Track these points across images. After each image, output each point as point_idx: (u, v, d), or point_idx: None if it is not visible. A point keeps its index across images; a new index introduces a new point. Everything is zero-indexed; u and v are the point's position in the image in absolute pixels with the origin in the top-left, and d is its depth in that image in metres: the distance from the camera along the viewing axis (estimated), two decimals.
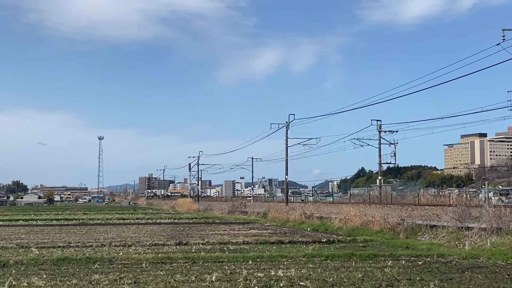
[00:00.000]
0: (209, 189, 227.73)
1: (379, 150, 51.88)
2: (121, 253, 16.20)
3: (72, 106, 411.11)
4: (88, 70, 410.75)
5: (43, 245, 19.04)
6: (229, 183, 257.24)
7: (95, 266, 13.64)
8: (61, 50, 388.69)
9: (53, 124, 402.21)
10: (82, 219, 40.99)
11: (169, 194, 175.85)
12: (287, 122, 50.89)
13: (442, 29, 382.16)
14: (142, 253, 16.63)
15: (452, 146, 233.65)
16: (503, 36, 25.32)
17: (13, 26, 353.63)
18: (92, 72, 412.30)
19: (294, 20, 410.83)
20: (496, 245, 17.04)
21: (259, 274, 11.86)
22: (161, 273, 12.23)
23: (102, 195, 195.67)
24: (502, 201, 41.99)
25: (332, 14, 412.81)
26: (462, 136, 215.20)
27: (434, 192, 64.23)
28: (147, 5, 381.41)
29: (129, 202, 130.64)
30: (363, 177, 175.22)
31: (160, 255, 15.63)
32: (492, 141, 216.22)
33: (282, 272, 12.07)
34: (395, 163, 56.82)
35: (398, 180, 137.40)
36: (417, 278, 11.42)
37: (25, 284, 10.77)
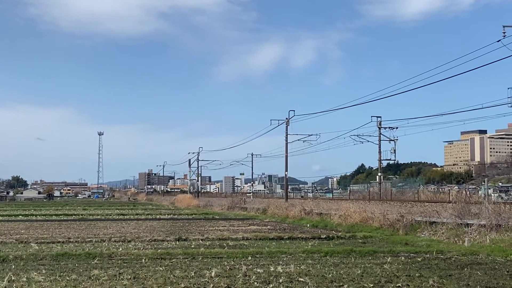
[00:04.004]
0: (208, 185, 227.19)
1: (379, 147, 51.87)
2: (120, 249, 16.21)
3: (71, 102, 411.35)
4: (87, 65, 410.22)
5: (42, 240, 19.08)
6: (228, 179, 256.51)
7: (95, 261, 13.66)
8: (60, 45, 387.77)
9: (53, 119, 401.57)
10: (81, 215, 41.04)
11: (168, 190, 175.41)
12: (287, 118, 50.89)
13: (443, 25, 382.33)
14: (141, 248, 16.66)
15: (452, 143, 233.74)
16: (504, 32, 25.27)
17: (13, 20, 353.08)
18: (91, 67, 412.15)
19: (295, 15, 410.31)
20: (496, 241, 17.07)
21: (258, 270, 11.87)
22: (161, 268, 12.24)
23: (101, 191, 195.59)
24: (502, 198, 41.96)
25: (333, 9, 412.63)
26: (462, 133, 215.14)
27: (433, 188, 64.08)
28: (147, 0, 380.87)
29: (129, 198, 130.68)
30: (362, 173, 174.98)
31: (159, 250, 15.65)
32: (492, 138, 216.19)
33: (282, 268, 12.08)
34: (395, 160, 56.77)
35: (397, 176, 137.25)
36: (416, 275, 11.43)
37: (25, 279, 10.77)
